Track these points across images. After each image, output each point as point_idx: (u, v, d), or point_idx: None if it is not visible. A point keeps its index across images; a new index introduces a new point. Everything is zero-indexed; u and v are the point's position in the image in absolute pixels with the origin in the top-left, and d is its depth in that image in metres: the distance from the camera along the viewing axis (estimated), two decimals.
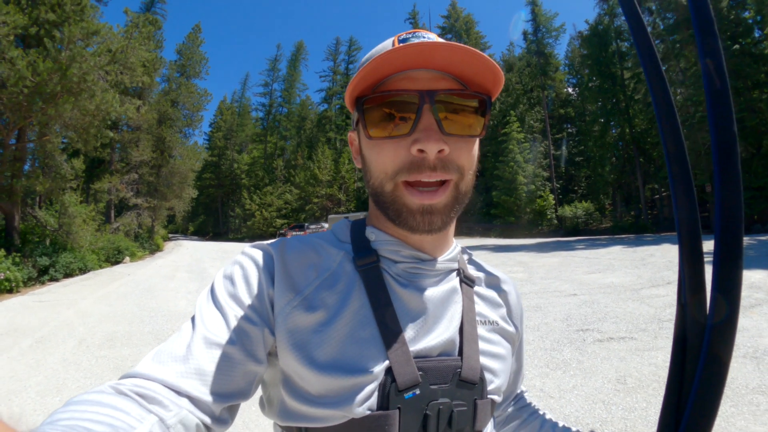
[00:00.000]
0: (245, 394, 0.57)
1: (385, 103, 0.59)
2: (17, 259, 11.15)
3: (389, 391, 0.57)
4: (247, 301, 0.60)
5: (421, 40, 0.61)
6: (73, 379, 4.35)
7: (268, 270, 0.63)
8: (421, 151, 0.57)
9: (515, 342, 0.77)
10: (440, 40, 0.62)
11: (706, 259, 0.58)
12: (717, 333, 0.52)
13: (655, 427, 0.74)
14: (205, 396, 0.51)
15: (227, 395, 0.54)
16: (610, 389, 3.72)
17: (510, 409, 0.87)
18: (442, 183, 0.60)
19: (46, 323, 6.81)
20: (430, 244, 0.68)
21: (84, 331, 6.21)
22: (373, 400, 0.57)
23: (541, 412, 0.86)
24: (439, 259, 0.68)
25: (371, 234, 0.69)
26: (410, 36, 0.63)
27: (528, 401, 0.89)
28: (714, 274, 0.52)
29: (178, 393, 0.50)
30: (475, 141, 0.64)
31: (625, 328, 5.42)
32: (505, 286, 0.79)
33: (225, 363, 0.54)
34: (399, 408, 0.57)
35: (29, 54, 11.25)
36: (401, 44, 0.58)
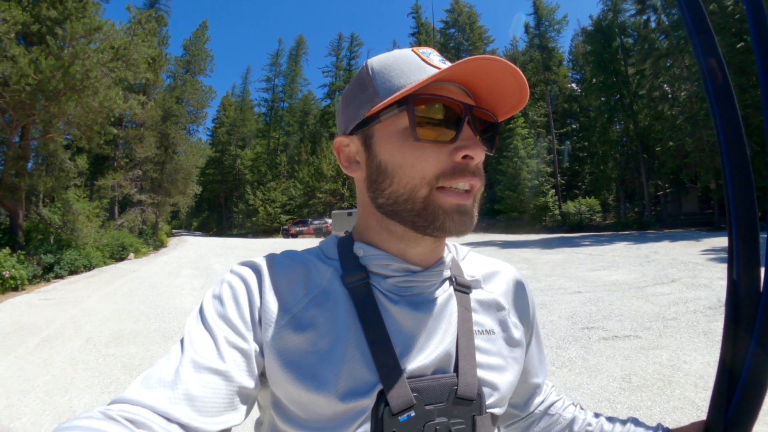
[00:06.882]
0: (238, 418, 0.55)
1: (434, 107, 0.59)
2: (22, 257, 11.20)
3: (383, 415, 0.55)
4: (236, 321, 0.58)
5: (441, 58, 0.65)
6: (81, 378, 4.38)
7: (256, 288, 0.62)
8: (466, 157, 0.59)
9: (522, 343, 0.74)
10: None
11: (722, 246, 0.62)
12: None
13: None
14: (196, 422, 0.50)
15: (219, 420, 0.52)
16: (616, 387, 3.73)
17: (539, 409, 0.84)
18: (470, 189, 0.61)
19: (52, 321, 6.85)
20: (424, 254, 0.66)
21: (91, 329, 6.25)
22: (366, 426, 0.56)
23: (573, 406, 0.85)
24: (431, 269, 0.66)
25: (359, 250, 0.67)
26: (429, 52, 0.65)
27: (557, 397, 0.87)
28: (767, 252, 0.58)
29: (168, 420, 0.48)
30: None
31: (629, 326, 5.43)
32: (506, 279, 0.77)
33: (215, 387, 0.53)
34: None
35: (31, 51, 11.22)
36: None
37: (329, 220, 34.72)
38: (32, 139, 13.80)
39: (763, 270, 0.58)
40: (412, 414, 0.56)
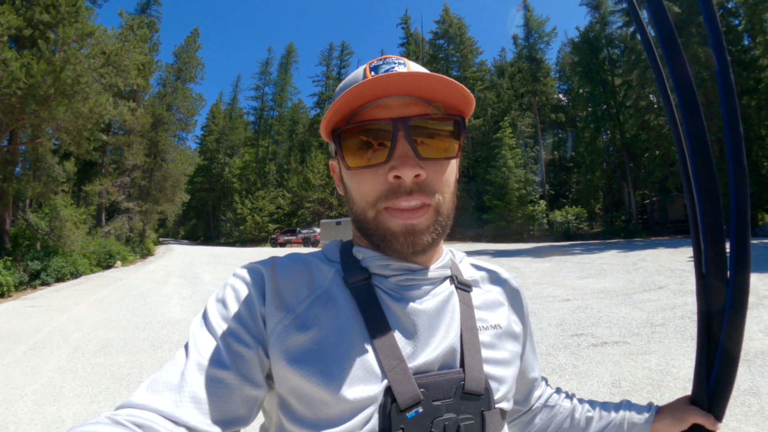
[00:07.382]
0: (245, 421, 0.56)
1: (360, 133, 0.61)
2: (8, 263, 11.04)
3: (390, 412, 0.55)
4: (240, 323, 0.59)
5: (392, 67, 0.63)
6: (70, 387, 4.31)
7: (259, 289, 0.62)
8: (397, 177, 0.59)
9: (521, 339, 0.77)
10: (412, 64, 0.65)
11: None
12: (738, 292, 0.67)
13: None
14: (203, 425, 0.51)
15: (226, 422, 0.53)
16: (606, 393, 3.76)
17: (540, 402, 0.87)
18: (422, 206, 0.61)
19: (39, 329, 6.74)
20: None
21: (78, 338, 6.16)
22: (374, 423, 0.56)
23: (568, 396, 0.88)
24: (431, 267, 0.68)
25: (358, 253, 0.68)
26: (381, 63, 0.65)
27: (552, 390, 0.90)
28: (731, 248, 0.68)
29: (175, 422, 0.49)
30: (451, 163, 0.65)
31: (618, 332, 5.48)
32: (502, 281, 0.80)
33: (221, 389, 0.54)
34: (402, 429, 0.55)
35: (23, 55, 11.13)
36: (372, 74, 0.60)
37: (318, 230, 34.54)
38: (20, 143, 13.64)
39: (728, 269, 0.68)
40: (420, 410, 0.56)
